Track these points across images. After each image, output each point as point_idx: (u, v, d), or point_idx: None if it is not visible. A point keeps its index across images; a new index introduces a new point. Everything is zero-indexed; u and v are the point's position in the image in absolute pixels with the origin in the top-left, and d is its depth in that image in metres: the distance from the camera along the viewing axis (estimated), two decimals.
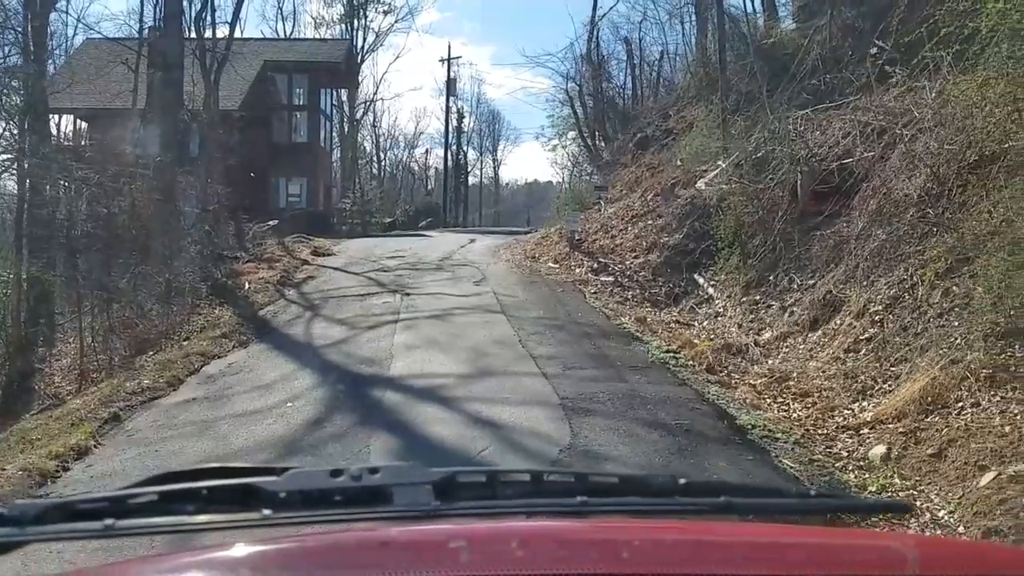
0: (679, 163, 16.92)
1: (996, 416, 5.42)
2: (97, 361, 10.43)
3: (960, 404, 5.80)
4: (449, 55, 41.17)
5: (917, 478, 5.23)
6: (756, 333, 9.94)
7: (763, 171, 11.89)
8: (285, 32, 37.44)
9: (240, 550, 1.11)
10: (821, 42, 15.37)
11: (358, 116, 39.16)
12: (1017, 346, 5.99)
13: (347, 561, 1.12)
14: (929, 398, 6.02)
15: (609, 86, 30.09)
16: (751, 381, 7.86)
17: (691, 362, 8.30)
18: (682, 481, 1.21)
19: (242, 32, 22.40)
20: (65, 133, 21.77)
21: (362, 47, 36.76)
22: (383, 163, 49.74)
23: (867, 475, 5.39)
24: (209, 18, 18.59)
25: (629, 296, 12.93)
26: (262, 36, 32.97)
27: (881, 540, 1.66)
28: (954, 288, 7.22)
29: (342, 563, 1.12)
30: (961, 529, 4.52)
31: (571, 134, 33.22)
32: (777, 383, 7.73)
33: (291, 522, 1.07)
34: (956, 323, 6.72)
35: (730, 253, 12.14)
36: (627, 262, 14.56)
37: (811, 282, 9.88)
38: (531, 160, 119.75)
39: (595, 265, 14.89)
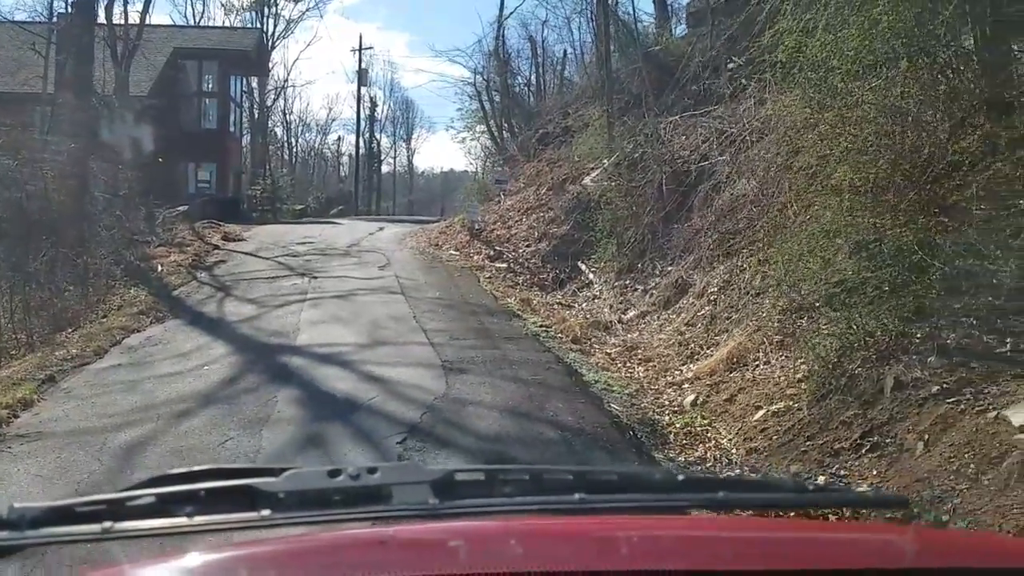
0: (576, 159, 18.36)
1: (777, 370, 6.95)
2: (16, 339, 11.03)
3: (756, 362, 7.33)
4: (360, 45, 41.75)
5: (713, 418, 6.72)
6: (622, 312, 11.42)
7: (636, 171, 13.42)
8: (195, 15, 37.33)
9: (240, 551, 1.13)
10: (703, 50, 16.98)
11: (269, 103, 39.36)
12: (805, 319, 7.57)
13: (347, 561, 1.13)
14: (734, 358, 7.56)
15: (516, 82, 31.51)
16: (607, 350, 9.30)
17: (560, 335, 9.67)
18: (680, 477, 1.24)
19: (150, 17, 22.62)
20: None
21: (273, 34, 37.02)
22: (295, 149, 49.81)
23: (677, 416, 6.85)
24: (121, 5, 18.95)
25: (520, 281, 14.25)
26: (172, 23, 32.94)
27: (878, 533, 1.66)
28: (771, 272, 8.80)
29: (342, 563, 1.13)
30: (733, 450, 5.99)
31: (480, 127, 34.40)
32: (628, 351, 9.20)
33: (290, 522, 1.09)
34: (765, 301, 8.28)
35: (608, 243, 13.60)
36: (520, 250, 15.91)
37: (669, 268, 11.42)
38: (447, 149, 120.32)
39: (492, 253, 16.19)
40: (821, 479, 4.99)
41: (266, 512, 1.06)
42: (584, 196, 15.49)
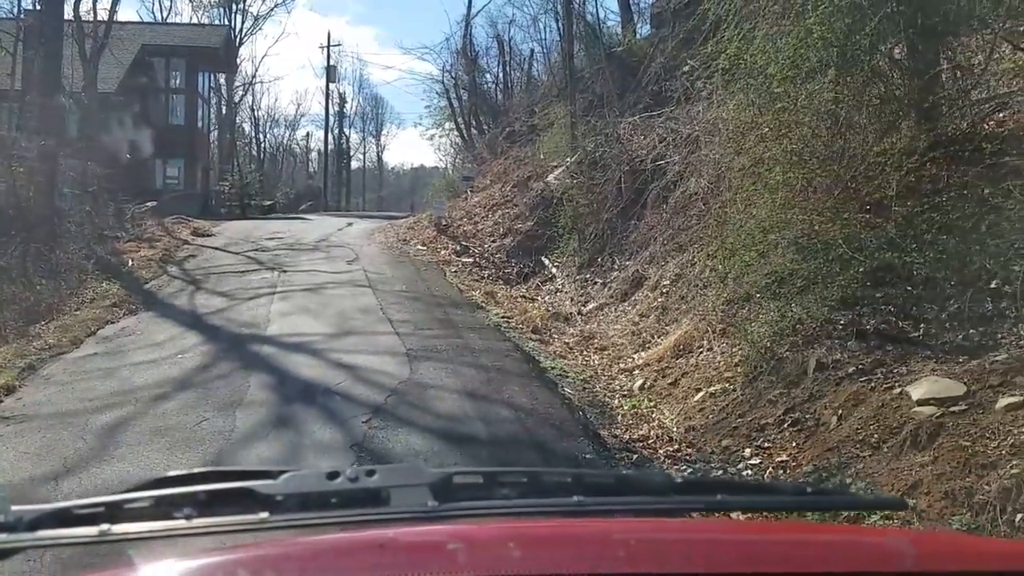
0: (542, 157, 18.82)
1: (718, 356, 7.47)
2: None
3: (700, 349, 7.85)
4: (328, 42, 41.88)
5: (658, 400, 7.22)
6: (582, 304, 11.92)
7: (597, 169, 13.92)
8: (163, 12, 37.20)
9: (238, 554, 1.12)
10: (664, 52, 17.52)
11: (236, 99, 39.35)
12: (747, 309, 8.09)
13: (345, 563, 1.14)
14: (681, 346, 8.08)
15: (484, 80, 31.88)
16: (565, 340, 9.78)
17: (521, 325, 10.13)
18: (678, 480, 1.24)
19: (115, 12, 22.61)
20: None
21: (240, 30, 37.01)
22: (263, 145, 49.72)
23: (626, 399, 7.34)
24: (89, 2, 19.04)
25: (485, 275, 14.69)
26: (140, 20, 32.86)
27: (876, 536, 1.64)
28: (719, 266, 9.34)
29: (340, 565, 1.14)
30: (674, 428, 6.49)
31: (448, 124, 34.68)
32: (585, 341, 9.70)
33: (288, 525, 1.09)
34: (711, 292, 8.81)
35: (569, 239, 14.10)
36: (486, 245, 16.37)
37: (627, 263, 11.93)
38: (418, 145, 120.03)
39: (458, 248, 16.62)
40: (747, 451, 5.51)
41: (264, 514, 1.07)
42: (548, 193, 15.97)
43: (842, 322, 6.31)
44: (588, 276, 12.82)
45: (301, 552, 1.19)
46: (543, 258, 14.76)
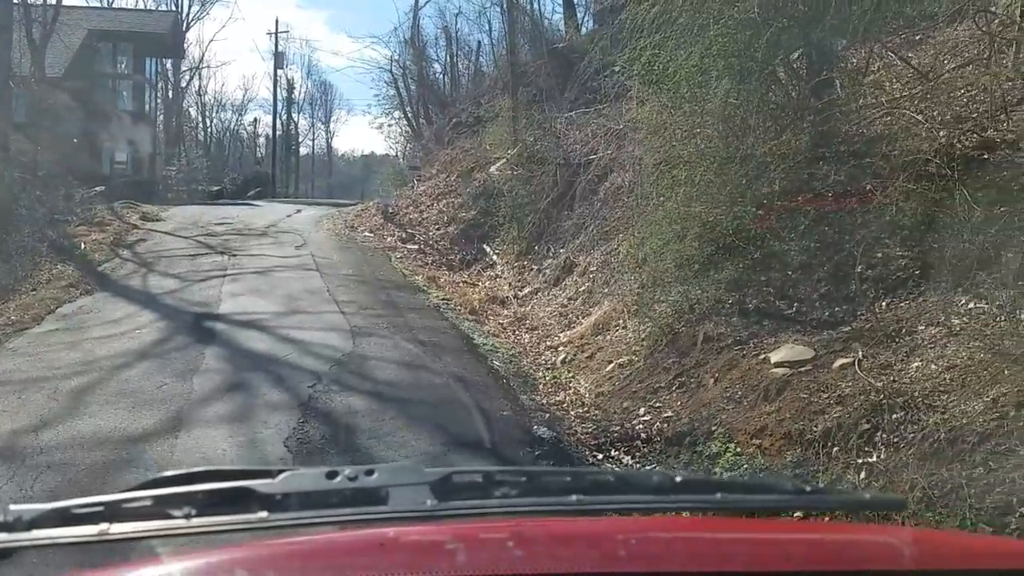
0: (487, 148, 19.59)
1: (629, 333, 8.39)
2: None
3: (616, 327, 8.77)
4: (276, 28, 41.87)
5: (576, 371, 8.12)
6: (519, 289, 12.78)
7: (536, 162, 14.79)
8: None
9: (237, 553, 1.14)
10: (603, 49, 18.39)
11: (183, 84, 39.24)
12: (655, 291, 9.02)
13: (344, 563, 1.15)
14: (600, 325, 8.99)
15: (432, 70, 32.48)
16: (500, 320, 10.63)
17: (459, 307, 10.94)
18: (678, 479, 1.24)
19: None
20: None
21: (187, 15, 36.93)
22: (210, 130, 49.45)
23: (548, 371, 8.23)
24: None
25: (429, 261, 15.44)
26: (86, 4, 32.57)
27: (876, 534, 1.69)
28: (638, 254, 10.27)
29: (339, 565, 1.15)
30: (587, 395, 7.38)
31: (397, 113, 35.16)
32: (518, 321, 10.56)
33: (288, 524, 1.10)
34: (628, 277, 9.73)
35: (509, 228, 14.93)
36: (431, 233, 17.11)
37: (560, 251, 12.83)
38: (368, 133, 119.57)
39: (404, 235, 17.33)
40: (642, 410, 6.42)
41: (263, 514, 1.08)
42: (490, 184, 16.76)
43: (730, 301, 7.27)
44: (525, 263, 13.68)
45: (301, 551, 1.21)
46: (485, 246, 15.55)
